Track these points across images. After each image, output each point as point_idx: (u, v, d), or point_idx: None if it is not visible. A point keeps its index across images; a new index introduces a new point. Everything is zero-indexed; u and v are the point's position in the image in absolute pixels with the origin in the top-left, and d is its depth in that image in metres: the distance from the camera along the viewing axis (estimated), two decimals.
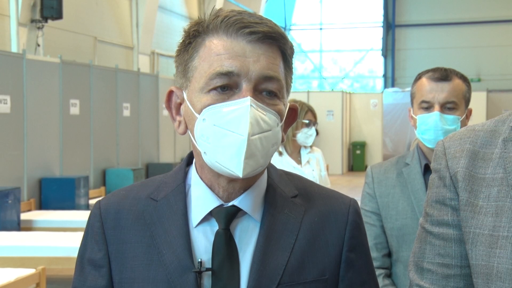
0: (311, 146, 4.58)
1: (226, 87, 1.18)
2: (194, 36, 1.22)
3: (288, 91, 1.26)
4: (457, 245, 1.21)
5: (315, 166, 4.49)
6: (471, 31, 23.49)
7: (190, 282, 1.20)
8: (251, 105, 1.15)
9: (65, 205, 8.80)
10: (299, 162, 4.46)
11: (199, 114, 1.19)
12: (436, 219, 1.24)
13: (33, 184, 8.93)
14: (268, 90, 1.19)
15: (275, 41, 1.20)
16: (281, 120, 1.21)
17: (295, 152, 4.48)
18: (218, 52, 1.18)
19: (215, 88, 1.18)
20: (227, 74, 1.17)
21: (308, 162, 4.47)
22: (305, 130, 4.32)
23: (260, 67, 1.18)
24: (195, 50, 1.22)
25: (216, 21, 1.20)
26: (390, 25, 24.71)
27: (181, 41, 1.25)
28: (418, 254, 1.26)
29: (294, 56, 1.27)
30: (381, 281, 2.29)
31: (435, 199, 1.24)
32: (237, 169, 1.16)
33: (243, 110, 1.15)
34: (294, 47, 1.27)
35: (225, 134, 1.16)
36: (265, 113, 1.17)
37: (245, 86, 1.17)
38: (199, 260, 1.21)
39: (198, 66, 1.21)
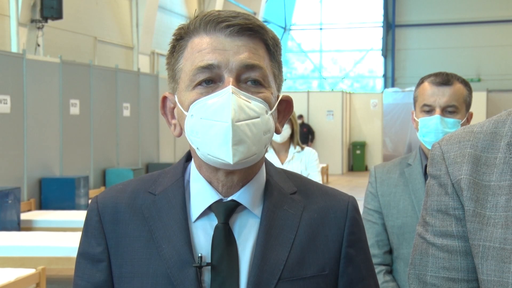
0: (301, 146, 4.59)
1: (210, 81, 1.20)
2: (178, 39, 1.26)
3: (277, 82, 1.28)
4: (463, 258, 1.14)
5: (298, 164, 4.50)
6: (471, 31, 23.48)
7: (190, 276, 1.20)
8: (232, 93, 1.17)
9: (65, 205, 8.81)
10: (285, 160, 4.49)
11: (187, 111, 1.21)
12: (439, 229, 1.16)
13: (33, 184, 8.93)
14: (252, 79, 1.21)
15: (254, 32, 1.22)
16: (270, 108, 1.22)
17: (282, 150, 4.51)
18: (199, 49, 1.22)
19: (199, 83, 1.21)
20: (209, 67, 1.20)
21: (292, 159, 4.50)
22: None
23: (241, 58, 1.20)
24: (180, 53, 1.25)
25: (196, 22, 1.24)
26: (390, 25, 24.71)
27: (169, 47, 1.29)
28: (420, 267, 1.18)
29: (278, 48, 1.28)
30: (382, 277, 2.39)
31: (437, 208, 1.16)
32: (227, 157, 1.17)
33: (225, 98, 1.17)
34: (278, 39, 1.28)
35: (212, 124, 1.18)
36: (250, 101, 1.19)
37: (227, 77, 1.19)
38: (199, 254, 1.21)
39: (183, 67, 1.24)
